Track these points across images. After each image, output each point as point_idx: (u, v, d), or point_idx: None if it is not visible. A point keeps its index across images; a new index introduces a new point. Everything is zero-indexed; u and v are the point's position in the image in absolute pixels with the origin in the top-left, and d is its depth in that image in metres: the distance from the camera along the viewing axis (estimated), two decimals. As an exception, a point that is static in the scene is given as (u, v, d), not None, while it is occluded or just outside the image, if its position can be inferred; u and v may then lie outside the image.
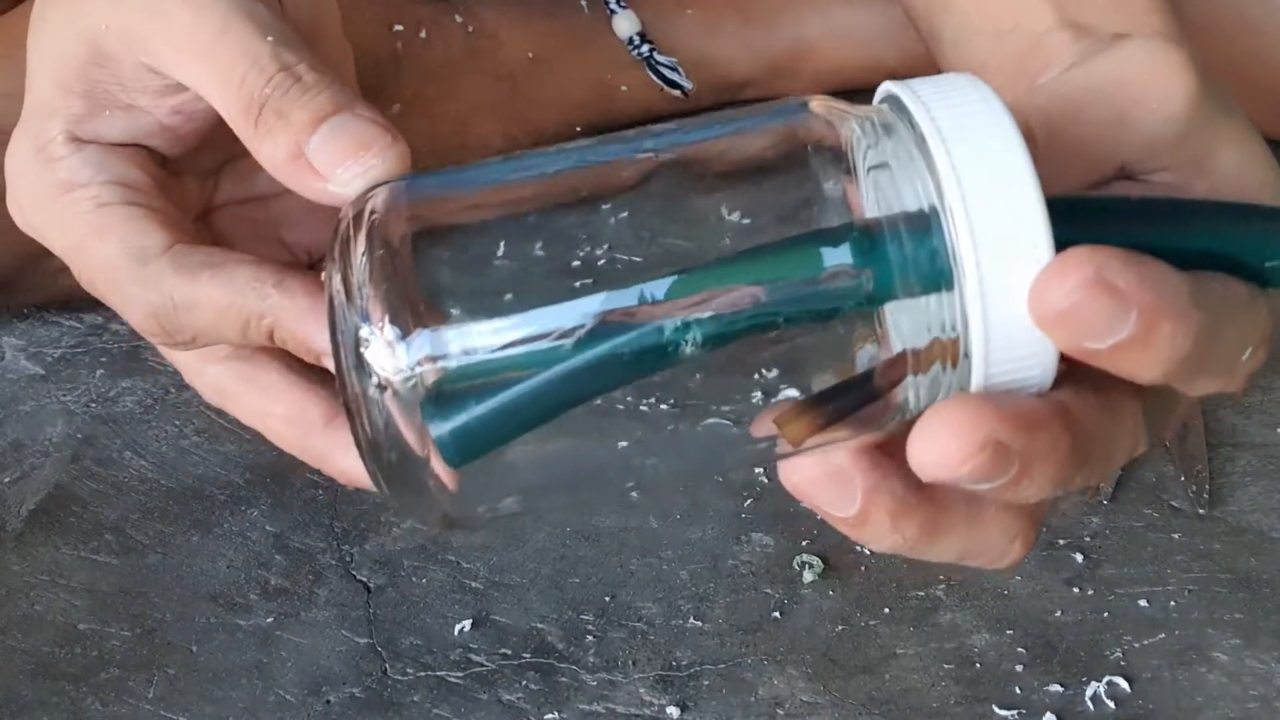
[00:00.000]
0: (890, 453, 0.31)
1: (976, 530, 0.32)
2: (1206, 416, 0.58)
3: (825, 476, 0.31)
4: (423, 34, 0.65)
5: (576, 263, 0.31)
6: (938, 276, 0.29)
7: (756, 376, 0.31)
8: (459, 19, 0.67)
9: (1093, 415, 0.30)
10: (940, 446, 0.28)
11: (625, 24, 0.69)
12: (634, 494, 0.53)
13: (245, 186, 0.40)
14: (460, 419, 0.30)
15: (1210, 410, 0.59)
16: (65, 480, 0.56)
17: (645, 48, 0.69)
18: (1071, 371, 0.30)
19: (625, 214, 0.31)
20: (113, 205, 0.36)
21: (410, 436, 0.31)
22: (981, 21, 0.39)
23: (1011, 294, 0.28)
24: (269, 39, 0.35)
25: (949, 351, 0.29)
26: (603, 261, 0.31)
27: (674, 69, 0.70)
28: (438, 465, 0.31)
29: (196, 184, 0.40)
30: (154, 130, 0.37)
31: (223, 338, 0.36)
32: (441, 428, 0.30)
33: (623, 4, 0.69)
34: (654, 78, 0.70)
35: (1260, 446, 0.57)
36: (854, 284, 0.29)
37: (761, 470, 0.56)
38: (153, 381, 0.61)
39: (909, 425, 0.29)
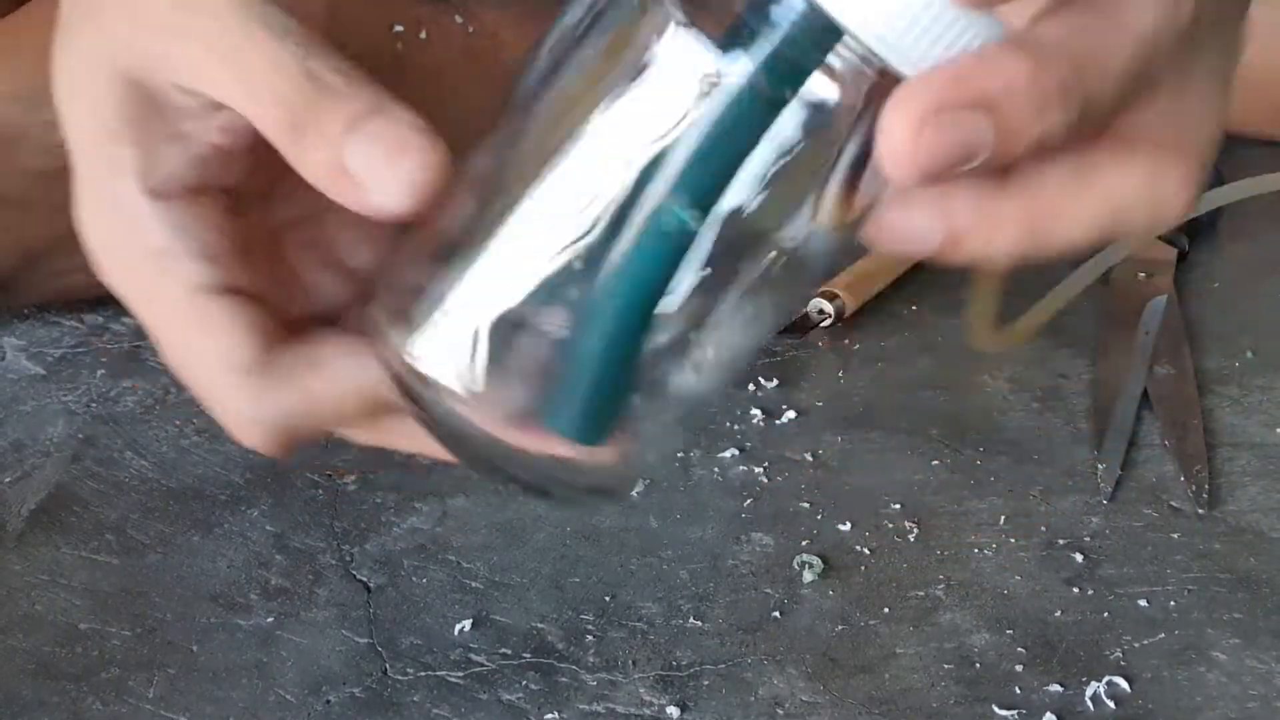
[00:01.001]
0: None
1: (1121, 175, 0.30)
2: (1206, 417, 0.58)
3: (909, 211, 0.29)
4: (423, 34, 0.65)
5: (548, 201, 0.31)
6: (817, 28, 0.28)
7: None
8: (459, 19, 0.67)
9: (1055, 29, 0.28)
10: (899, 130, 0.27)
11: (625, 24, 0.69)
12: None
13: (298, 205, 0.39)
14: (571, 407, 0.31)
15: (1210, 410, 0.59)
16: (66, 480, 0.56)
17: (645, 47, 0.69)
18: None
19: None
20: (206, 296, 0.36)
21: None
22: None
23: None
24: (292, 43, 0.34)
25: (889, 86, 0.28)
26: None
27: (674, 68, 0.70)
28: (585, 452, 0.31)
29: (258, 217, 0.39)
30: (210, 155, 0.36)
31: (348, 423, 0.37)
32: (557, 421, 0.31)
33: (623, 4, 0.69)
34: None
35: (1260, 446, 0.57)
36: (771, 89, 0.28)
37: (761, 470, 0.56)
38: (153, 381, 0.61)
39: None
